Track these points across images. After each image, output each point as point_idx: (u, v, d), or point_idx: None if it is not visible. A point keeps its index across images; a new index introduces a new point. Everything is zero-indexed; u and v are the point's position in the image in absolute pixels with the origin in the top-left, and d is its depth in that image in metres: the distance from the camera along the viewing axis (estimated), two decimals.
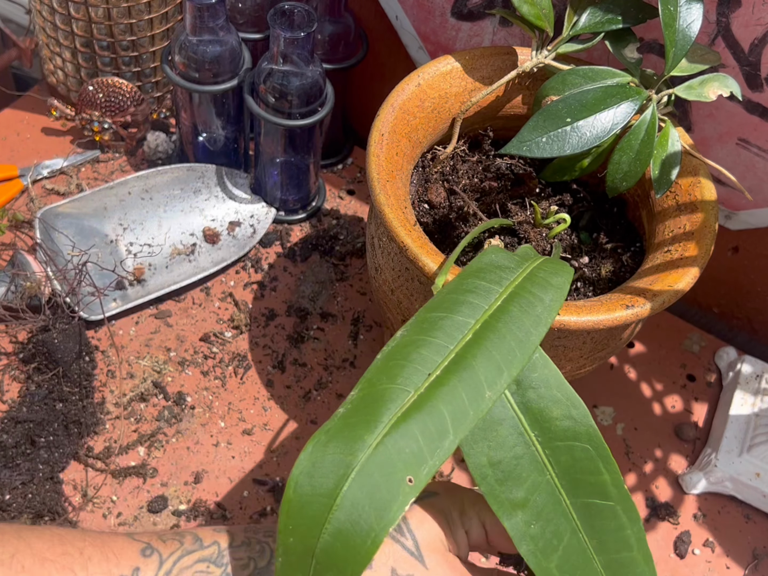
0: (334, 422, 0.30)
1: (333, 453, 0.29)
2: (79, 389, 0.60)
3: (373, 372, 0.32)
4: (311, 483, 0.29)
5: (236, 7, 0.72)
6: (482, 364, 0.33)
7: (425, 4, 0.67)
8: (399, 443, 0.30)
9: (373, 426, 0.30)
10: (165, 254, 0.70)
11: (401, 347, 0.33)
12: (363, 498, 0.28)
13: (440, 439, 0.30)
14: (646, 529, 0.62)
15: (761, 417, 0.64)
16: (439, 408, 0.31)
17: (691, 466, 0.65)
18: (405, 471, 0.29)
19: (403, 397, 0.31)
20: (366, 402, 0.31)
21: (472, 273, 0.38)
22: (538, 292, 0.38)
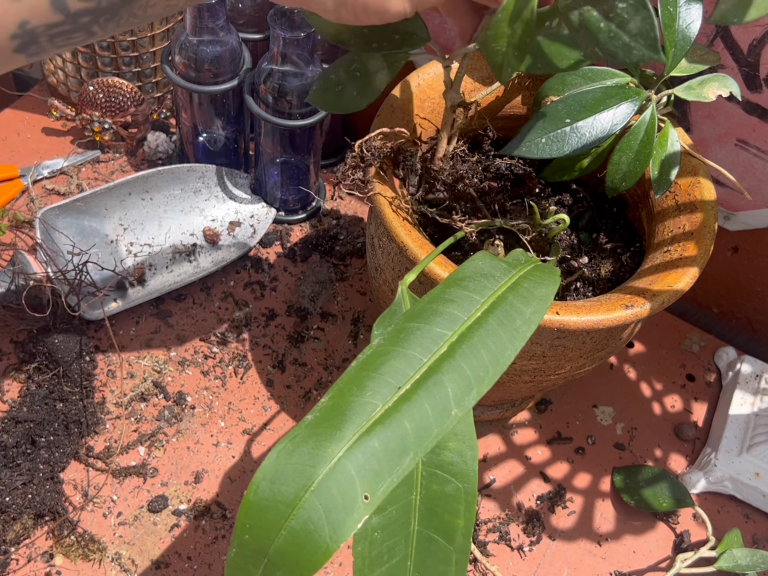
0: (301, 430, 0.30)
1: (296, 462, 0.30)
2: (80, 389, 0.61)
3: (345, 381, 0.32)
4: (272, 489, 0.29)
5: (236, 8, 0.72)
6: (452, 380, 0.33)
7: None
8: (360, 459, 0.30)
9: (338, 439, 0.30)
10: (165, 254, 0.70)
11: (375, 357, 0.33)
12: (320, 512, 0.29)
13: (401, 457, 0.30)
14: (647, 528, 0.62)
15: (761, 417, 0.65)
16: (404, 424, 0.31)
17: (690, 465, 0.66)
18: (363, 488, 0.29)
19: (369, 410, 0.31)
20: (334, 412, 0.31)
21: (456, 281, 0.38)
22: (519, 304, 0.37)
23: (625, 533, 0.61)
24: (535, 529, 0.60)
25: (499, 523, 0.60)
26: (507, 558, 0.59)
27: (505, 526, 0.60)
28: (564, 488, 0.63)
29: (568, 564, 0.59)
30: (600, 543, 0.61)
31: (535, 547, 0.60)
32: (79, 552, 0.55)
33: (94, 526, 0.56)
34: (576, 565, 0.59)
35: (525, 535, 0.60)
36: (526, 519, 0.61)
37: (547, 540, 0.60)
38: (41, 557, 0.55)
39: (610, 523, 0.62)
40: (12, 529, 0.54)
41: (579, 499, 0.62)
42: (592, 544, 0.61)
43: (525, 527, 0.60)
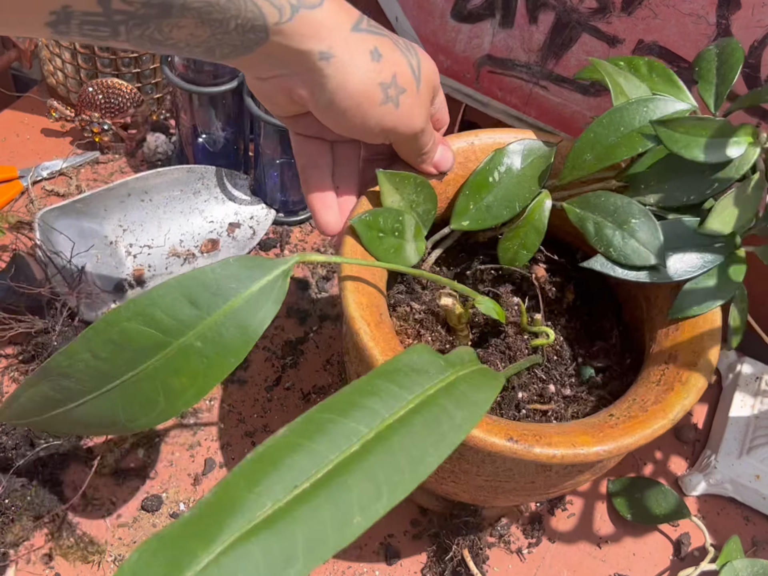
0: (172, 528, 0.27)
1: (158, 566, 0.26)
2: None
3: (235, 474, 0.29)
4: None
5: None
6: (360, 483, 0.29)
7: (425, 5, 0.67)
8: (233, 566, 0.26)
9: (212, 541, 0.26)
10: (164, 256, 0.70)
11: (275, 449, 0.30)
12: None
13: (285, 567, 0.27)
14: (647, 530, 0.62)
15: (761, 419, 0.64)
16: (293, 530, 0.27)
17: (690, 467, 0.65)
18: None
19: (256, 509, 0.28)
20: (214, 509, 0.28)
21: (384, 373, 0.35)
22: (450, 407, 0.34)
23: (625, 536, 0.61)
24: (534, 531, 0.60)
25: (499, 526, 0.60)
26: (506, 560, 0.59)
27: (505, 529, 0.60)
28: None
29: (567, 566, 0.59)
30: (600, 545, 0.61)
31: (534, 549, 0.60)
32: (78, 554, 0.55)
33: (93, 528, 0.56)
34: (576, 567, 0.59)
35: (524, 537, 0.60)
36: (525, 521, 0.61)
37: (546, 542, 0.60)
38: (40, 559, 0.54)
39: (609, 526, 0.62)
40: (11, 531, 0.54)
41: (579, 502, 0.62)
42: (592, 546, 0.60)
43: (524, 529, 0.60)
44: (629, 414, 0.42)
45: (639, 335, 0.53)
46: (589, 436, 0.40)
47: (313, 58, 0.38)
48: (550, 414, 0.47)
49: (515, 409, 0.46)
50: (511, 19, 0.64)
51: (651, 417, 0.41)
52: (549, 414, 0.47)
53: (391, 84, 0.40)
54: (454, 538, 0.55)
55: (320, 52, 0.37)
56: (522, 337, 0.48)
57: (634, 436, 0.40)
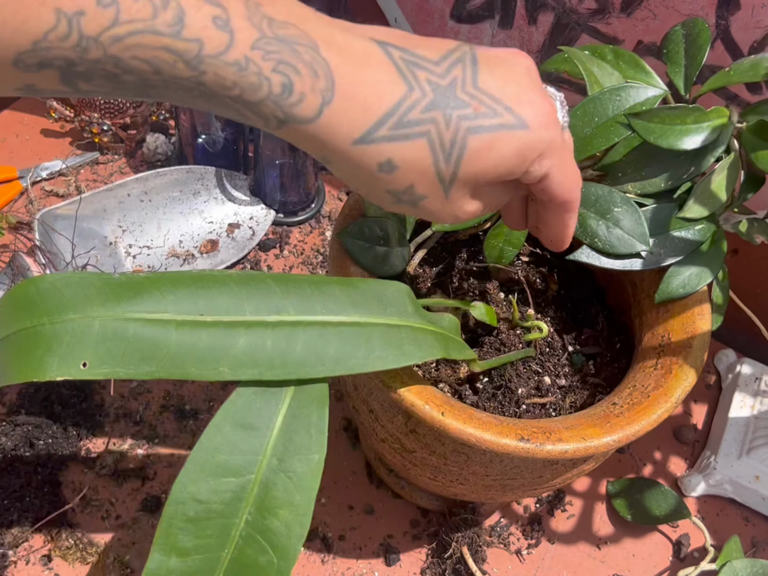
0: (97, 277, 0.31)
1: (64, 294, 0.30)
2: (78, 392, 0.60)
3: (173, 276, 0.32)
4: (33, 298, 0.30)
5: None
6: (247, 342, 0.32)
7: (424, 6, 0.67)
8: (108, 332, 0.30)
9: (109, 306, 0.30)
10: (164, 256, 0.70)
11: (212, 280, 0.33)
12: (43, 347, 0.29)
13: (141, 362, 0.30)
14: (646, 531, 0.62)
15: (760, 419, 0.64)
16: (169, 340, 0.31)
17: (690, 468, 0.65)
18: (89, 356, 0.30)
19: (158, 308, 0.31)
20: (132, 286, 0.31)
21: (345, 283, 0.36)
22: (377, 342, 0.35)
23: (625, 536, 0.61)
24: (534, 532, 0.60)
25: (498, 527, 0.60)
26: (506, 561, 0.59)
27: (505, 530, 0.60)
28: (563, 491, 0.62)
29: (567, 567, 0.59)
30: (599, 546, 0.61)
31: (534, 550, 0.60)
32: (78, 555, 0.55)
33: (92, 529, 0.56)
34: (575, 568, 0.59)
35: (524, 538, 0.60)
36: (525, 522, 0.61)
37: (546, 543, 0.60)
38: (39, 560, 0.54)
39: (609, 527, 0.62)
40: (10, 532, 0.54)
41: (578, 503, 0.62)
42: (591, 547, 0.60)
43: (524, 530, 0.60)
44: (632, 401, 0.42)
45: (626, 319, 0.53)
46: (597, 427, 0.40)
47: (313, 153, 0.34)
48: (548, 406, 0.47)
49: (515, 406, 0.47)
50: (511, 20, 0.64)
51: (654, 402, 0.42)
52: (547, 406, 0.47)
53: (405, 192, 0.34)
54: (453, 535, 0.56)
55: (318, 156, 0.33)
56: (515, 332, 0.48)
57: (641, 422, 0.41)
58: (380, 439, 0.47)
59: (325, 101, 0.31)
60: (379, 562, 0.57)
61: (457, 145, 0.33)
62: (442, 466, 0.44)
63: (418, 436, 0.43)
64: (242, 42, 0.29)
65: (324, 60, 0.31)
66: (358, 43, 0.33)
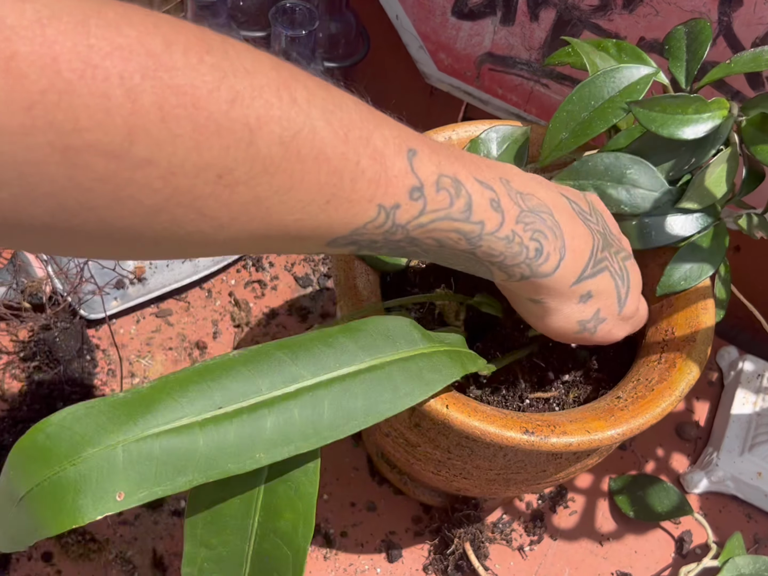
0: (102, 402, 0.29)
1: (76, 431, 0.28)
2: (80, 388, 0.60)
3: (174, 377, 0.31)
4: (44, 445, 0.28)
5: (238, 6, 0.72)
6: (275, 423, 0.31)
7: (425, 3, 0.67)
8: (134, 456, 0.28)
9: (127, 428, 0.29)
10: None
11: (217, 367, 0.31)
12: (70, 487, 0.27)
13: (177, 474, 0.29)
14: (649, 527, 0.62)
15: (763, 416, 0.64)
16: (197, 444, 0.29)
17: (692, 465, 0.65)
18: (122, 485, 0.28)
19: (175, 415, 0.30)
20: (142, 400, 0.30)
21: (350, 330, 0.35)
22: (399, 379, 0.34)
23: (627, 533, 0.61)
24: (536, 528, 0.60)
25: (501, 523, 0.60)
26: (508, 558, 0.59)
27: (507, 526, 0.60)
28: (565, 488, 0.62)
29: (569, 564, 0.59)
30: (601, 543, 0.61)
31: (536, 546, 0.59)
32: (80, 551, 0.55)
33: (94, 525, 0.56)
34: (577, 565, 0.59)
35: (526, 534, 0.60)
36: (527, 518, 0.61)
37: (548, 540, 0.60)
38: (42, 557, 0.54)
39: (611, 523, 0.61)
40: None
41: (580, 499, 0.62)
42: (594, 543, 0.60)
43: (526, 527, 0.60)
44: (636, 395, 0.42)
45: None
46: (601, 420, 0.40)
47: (521, 299, 0.39)
48: (552, 401, 0.47)
49: (519, 400, 0.47)
50: (512, 17, 0.64)
51: (658, 396, 0.42)
52: (551, 401, 0.47)
53: (591, 319, 0.40)
54: (455, 531, 0.56)
55: (531, 299, 0.39)
56: (518, 327, 0.48)
57: (645, 416, 0.41)
58: (384, 433, 0.47)
59: (561, 257, 0.37)
60: (381, 558, 0.57)
61: (624, 269, 0.41)
62: (445, 460, 0.44)
63: (422, 430, 0.43)
64: (510, 219, 0.34)
65: (557, 223, 0.37)
66: (563, 202, 0.39)
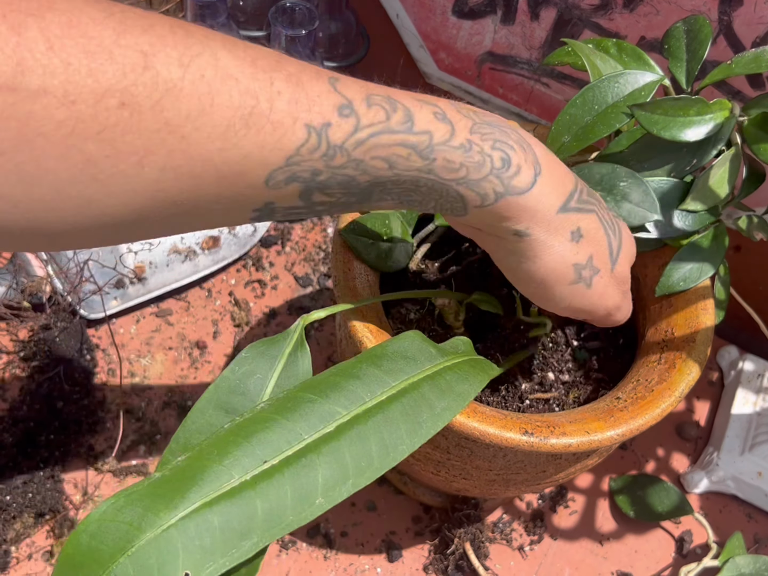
0: (141, 487, 0.28)
1: (122, 521, 0.27)
2: (80, 388, 0.60)
3: (209, 442, 0.30)
4: (90, 545, 0.27)
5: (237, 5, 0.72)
6: (327, 465, 0.30)
7: (426, 2, 0.67)
8: (191, 532, 0.27)
9: (176, 505, 0.28)
10: (165, 252, 0.70)
11: (251, 423, 0.31)
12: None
13: (241, 539, 0.28)
14: (649, 527, 0.62)
15: (763, 416, 0.64)
16: (254, 503, 0.28)
17: (692, 465, 0.65)
18: (186, 565, 0.27)
19: (223, 480, 0.28)
20: (183, 474, 0.29)
21: (371, 357, 0.35)
22: (432, 397, 0.34)
23: (627, 533, 0.61)
24: (536, 528, 0.60)
25: (501, 523, 0.60)
26: (508, 558, 0.59)
27: (507, 526, 0.60)
28: (565, 488, 0.62)
29: (569, 564, 0.59)
30: (602, 542, 0.61)
31: (536, 546, 0.59)
32: None
33: None
34: (578, 564, 0.59)
35: (526, 534, 0.60)
36: (527, 518, 0.61)
37: (548, 539, 0.60)
38: (42, 557, 0.54)
39: (611, 523, 0.61)
40: (12, 528, 0.54)
41: (581, 499, 0.62)
42: (594, 543, 0.60)
43: (526, 527, 0.60)
44: (636, 395, 0.42)
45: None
46: (601, 421, 0.40)
47: (506, 234, 0.36)
48: (552, 402, 0.47)
49: (519, 401, 0.47)
50: (513, 16, 0.64)
51: (658, 396, 0.42)
52: (551, 402, 0.47)
53: (586, 265, 0.38)
54: (455, 531, 0.56)
55: (516, 230, 0.36)
56: (519, 328, 0.48)
57: (645, 417, 0.41)
58: None
59: (536, 172, 0.35)
60: (381, 558, 0.57)
61: (615, 223, 0.40)
62: (445, 460, 0.44)
63: None
64: (462, 129, 0.33)
65: (523, 138, 0.35)
66: (531, 135, 0.37)
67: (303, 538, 0.57)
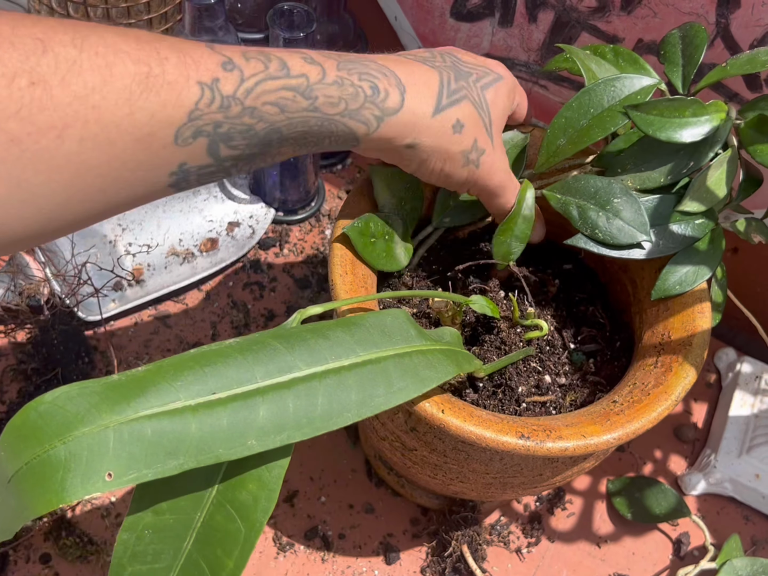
0: (96, 384, 0.29)
1: (69, 410, 0.28)
2: None
3: (171, 361, 0.31)
4: (36, 422, 0.28)
5: (235, 8, 0.72)
6: (269, 411, 0.31)
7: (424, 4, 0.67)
8: (125, 437, 0.28)
9: (119, 409, 0.29)
10: (164, 255, 0.70)
11: (214, 354, 0.31)
12: (61, 465, 0.27)
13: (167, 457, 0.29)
14: (646, 529, 0.62)
15: (761, 418, 0.64)
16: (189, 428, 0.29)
17: (690, 467, 0.65)
18: (111, 465, 0.28)
19: (167, 399, 0.29)
20: (137, 383, 0.30)
21: (347, 323, 0.35)
22: (394, 374, 0.35)
23: (624, 535, 0.61)
24: (534, 530, 0.60)
25: (498, 525, 0.60)
26: (505, 560, 0.59)
27: (504, 528, 0.60)
28: (563, 490, 0.62)
29: (567, 566, 0.59)
30: (599, 545, 0.61)
31: (533, 548, 0.60)
32: (77, 553, 0.55)
33: (92, 527, 0.56)
34: (575, 567, 0.59)
35: (524, 536, 0.60)
36: (525, 521, 0.61)
37: (546, 542, 0.60)
38: (39, 558, 0.54)
39: (609, 525, 0.61)
40: None
41: (578, 501, 0.62)
42: (592, 545, 0.60)
43: (524, 529, 0.60)
44: (632, 399, 0.42)
45: (626, 317, 0.53)
46: (597, 425, 0.40)
47: (400, 149, 0.42)
48: (548, 405, 0.47)
49: (515, 404, 0.47)
50: (511, 18, 0.64)
51: (654, 400, 0.42)
52: (548, 405, 0.47)
53: (472, 149, 0.43)
54: (452, 533, 0.56)
55: (406, 145, 0.41)
56: (515, 330, 0.48)
57: (641, 420, 0.41)
58: (380, 437, 0.47)
59: (401, 91, 0.40)
60: (379, 560, 0.57)
61: (482, 99, 0.44)
62: (442, 464, 0.44)
63: (418, 434, 0.43)
64: (330, 68, 0.38)
65: (383, 66, 0.40)
66: (392, 56, 0.42)
67: (300, 540, 0.58)
